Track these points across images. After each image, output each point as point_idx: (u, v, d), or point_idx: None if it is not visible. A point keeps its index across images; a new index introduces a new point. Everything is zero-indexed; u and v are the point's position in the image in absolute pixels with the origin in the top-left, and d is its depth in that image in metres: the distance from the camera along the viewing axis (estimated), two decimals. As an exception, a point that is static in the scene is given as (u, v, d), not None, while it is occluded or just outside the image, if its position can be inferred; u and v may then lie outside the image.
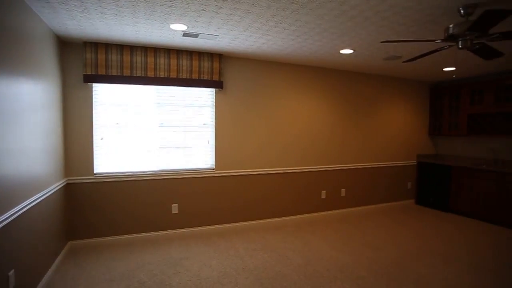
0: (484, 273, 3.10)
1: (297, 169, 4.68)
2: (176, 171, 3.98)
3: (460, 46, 2.46)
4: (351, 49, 3.67)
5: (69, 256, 3.41)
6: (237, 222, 4.34)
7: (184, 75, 3.82)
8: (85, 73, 3.43)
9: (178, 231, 4.02)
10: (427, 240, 4.01)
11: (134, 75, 3.59)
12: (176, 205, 3.99)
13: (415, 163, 5.89)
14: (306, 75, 4.68)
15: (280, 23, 2.86)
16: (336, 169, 5.01)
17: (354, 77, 5.09)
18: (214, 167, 4.17)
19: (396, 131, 5.63)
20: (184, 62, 3.80)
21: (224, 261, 3.36)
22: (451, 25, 2.43)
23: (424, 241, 3.99)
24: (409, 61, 3.03)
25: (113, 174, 3.70)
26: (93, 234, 3.68)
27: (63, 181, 3.40)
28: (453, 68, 4.68)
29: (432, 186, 5.59)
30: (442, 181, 5.41)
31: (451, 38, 2.46)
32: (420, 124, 5.93)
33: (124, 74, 3.54)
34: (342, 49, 3.69)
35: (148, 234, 3.88)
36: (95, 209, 3.66)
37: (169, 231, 3.98)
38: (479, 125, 5.25)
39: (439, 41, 2.50)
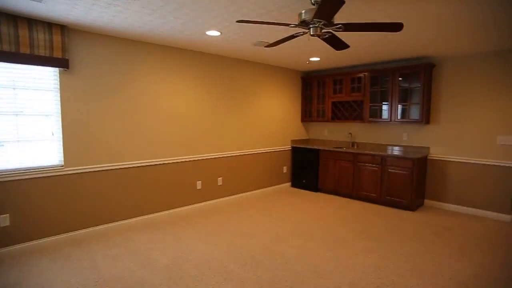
0: (340, 246, 3.41)
1: (169, 160, 4.31)
2: (7, 172, 3.10)
3: (311, 33, 2.50)
4: (217, 30, 3.46)
5: None
6: (98, 225, 3.74)
7: (7, 47, 2.93)
8: None
9: (13, 248, 3.18)
10: (296, 222, 4.25)
11: None
12: (7, 215, 3.13)
13: (290, 148, 6.26)
14: (178, 59, 4.30)
15: (125, -10, 2.40)
16: (213, 158, 4.85)
17: (229, 62, 4.96)
18: (62, 163, 3.44)
19: (273, 118, 5.83)
20: (5, 29, 2.91)
21: (73, 276, 2.78)
22: (303, 11, 2.43)
23: (294, 222, 4.21)
24: (270, 46, 3.00)
25: None
26: None
27: None
28: (318, 59, 5.03)
29: (304, 169, 6.03)
30: (312, 164, 5.88)
31: (303, 24, 2.47)
32: (294, 111, 6.30)
33: None
34: (207, 30, 3.44)
35: (-36, 257, 2.94)
36: None
37: (-1, 249, 3.11)
38: (340, 112, 5.87)
39: (293, 26, 2.48)
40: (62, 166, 3.44)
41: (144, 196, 4.10)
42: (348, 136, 5.99)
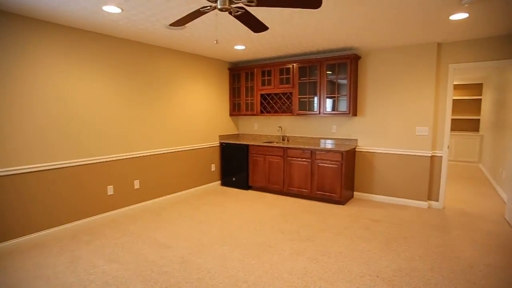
0: (267, 250, 3.10)
1: (69, 162, 3.56)
2: None
3: (219, 6, 2.09)
4: (116, 6, 2.85)
5: None
6: (-38, 253, 2.88)
7: None
8: None
9: None
10: (222, 225, 3.85)
11: None
12: None
13: (218, 144, 5.84)
14: (80, 42, 3.54)
15: None
16: (128, 158, 4.19)
17: (146, 49, 4.32)
18: None
19: (199, 112, 5.34)
20: None
21: None
22: (207, -22, 2.01)
23: (220, 226, 3.81)
24: (175, 25, 2.51)
25: None
26: None
27: None
28: (243, 47, 4.66)
29: (234, 166, 5.66)
30: (242, 160, 5.54)
31: (208, -5, 2.05)
32: (222, 104, 5.88)
33: None
34: (104, 4, 2.82)
35: None
36: None
37: None
38: (270, 105, 5.62)
39: (195, -4, 2.04)
40: None
41: (37, 208, 3.31)
42: (279, 130, 5.78)
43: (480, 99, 8.33)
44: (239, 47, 4.65)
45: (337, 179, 4.55)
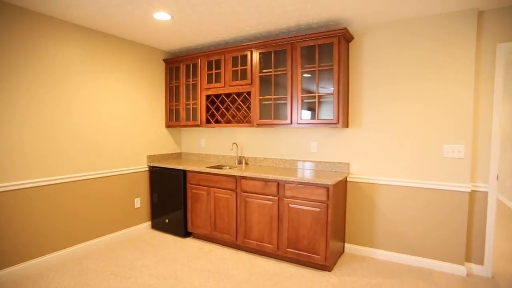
0: None
1: None
2: None
3: None
4: None
5: None
6: None
7: None
8: None
9: None
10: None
11: None
12: None
13: (147, 169, 3.96)
14: None
15: None
16: None
17: (22, 17, 2.50)
18: None
19: (119, 122, 3.50)
20: None
21: None
22: None
23: None
24: None
25: None
26: None
27: None
28: (169, 17, 2.90)
29: (167, 201, 3.79)
30: (178, 194, 3.68)
31: None
32: (156, 111, 4.06)
33: None
34: None
35: None
36: None
37: None
38: (220, 111, 3.84)
39: None
40: None
41: None
42: (233, 148, 3.99)
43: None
44: (162, 16, 2.86)
45: (320, 230, 2.77)
